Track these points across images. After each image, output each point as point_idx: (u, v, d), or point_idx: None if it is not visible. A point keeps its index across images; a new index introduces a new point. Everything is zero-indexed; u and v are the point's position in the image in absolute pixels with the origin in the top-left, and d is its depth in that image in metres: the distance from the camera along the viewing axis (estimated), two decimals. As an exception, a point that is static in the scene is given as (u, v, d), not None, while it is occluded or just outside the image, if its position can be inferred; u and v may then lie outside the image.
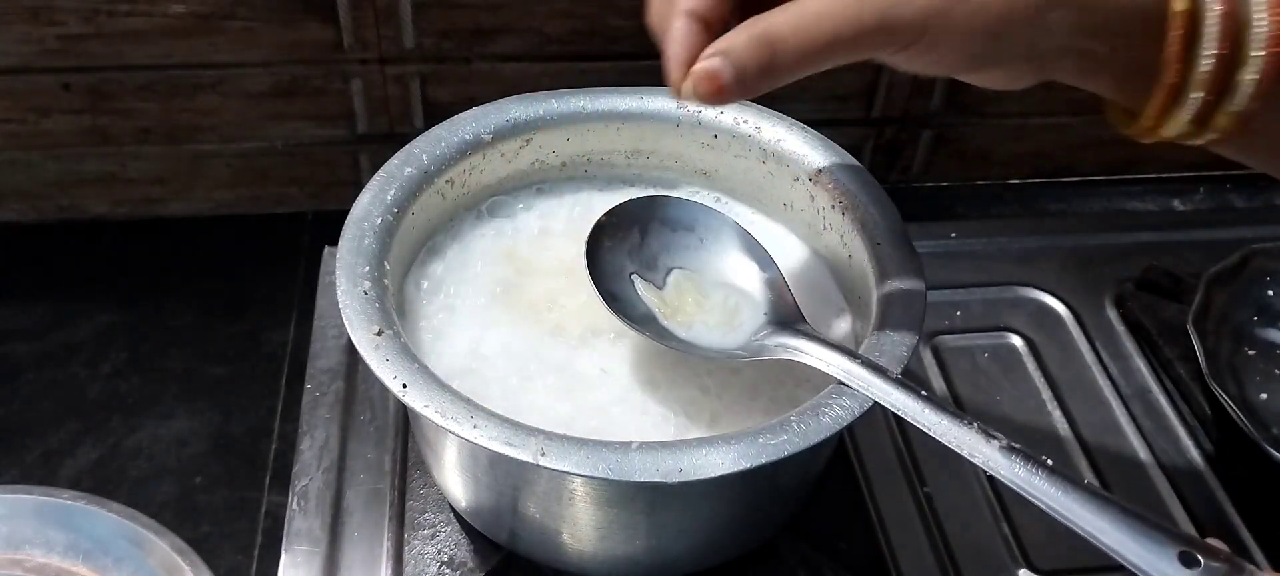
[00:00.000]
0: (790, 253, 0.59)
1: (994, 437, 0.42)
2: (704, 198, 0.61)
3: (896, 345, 0.48)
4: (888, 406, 0.45)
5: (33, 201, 0.80)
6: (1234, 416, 0.62)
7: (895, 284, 0.51)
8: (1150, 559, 0.38)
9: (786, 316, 0.52)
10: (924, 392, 0.44)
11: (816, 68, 0.40)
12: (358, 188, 0.54)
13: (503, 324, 0.54)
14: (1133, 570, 0.39)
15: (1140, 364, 0.72)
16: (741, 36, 0.40)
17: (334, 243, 0.51)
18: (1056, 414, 0.68)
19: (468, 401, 0.45)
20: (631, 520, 0.49)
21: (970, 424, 0.43)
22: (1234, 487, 0.64)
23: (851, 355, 0.47)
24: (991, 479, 0.63)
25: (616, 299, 0.51)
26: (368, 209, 0.53)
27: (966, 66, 0.42)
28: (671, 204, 0.55)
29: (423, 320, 0.54)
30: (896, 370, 0.46)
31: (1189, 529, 0.62)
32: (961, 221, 0.82)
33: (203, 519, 0.60)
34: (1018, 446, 0.42)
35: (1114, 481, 0.64)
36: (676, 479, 0.43)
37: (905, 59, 0.41)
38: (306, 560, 0.56)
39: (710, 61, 0.40)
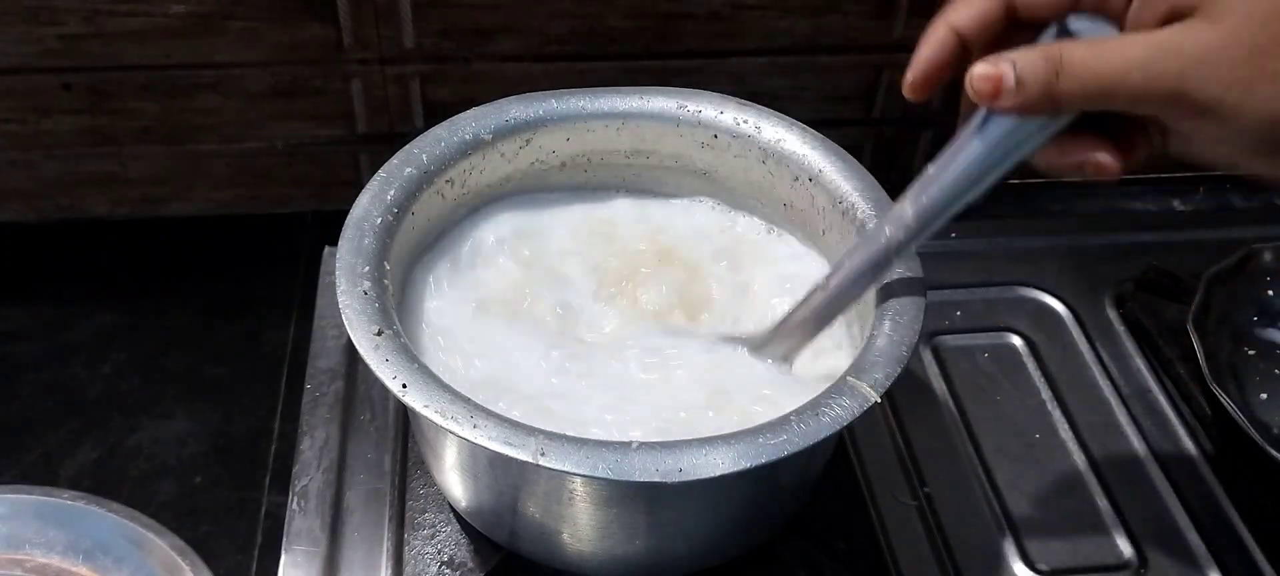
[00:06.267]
0: (790, 253, 0.59)
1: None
2: (704, 199, 0.62)
3: (896, 345, 0.48)
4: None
5: (33, 201, 0.80)
6: (1234, 416, 0.62)
7: (895, 284, 0.51)
8: None
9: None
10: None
11: (1098, 104, 0.40)
12: (358, 188, 0.54)
13: (506, 322, 0.54)
14: None
15: (1140, 364, 0.72)
16: (1033, 52, 0.40)
17: (334, 243, 0.51)
18: (1056, 414, 0.68)
19: (468, 401, 0.45)
20: (631, 520, 0.49)
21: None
22: (1234, 487, 0.64)
23: None
24: (991, 479, 0.63)
25: None
26: (368, 209, 0.53)
27: (1254, 152, 0.40)
28: None
29: (424, 319, 0.54)
30: (896, 371, 0.47)
31: (1189, 528, 0.62)
32: (961, 221, 0.82)
33: (203, 519, 0.60)
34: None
35: (1114, 481, 0.64)
36: (676, 479, 0.43)
37: (1190, 129, 0.40)
38: (306, 560, 0.56)
39: (996, 66, 0.40)
